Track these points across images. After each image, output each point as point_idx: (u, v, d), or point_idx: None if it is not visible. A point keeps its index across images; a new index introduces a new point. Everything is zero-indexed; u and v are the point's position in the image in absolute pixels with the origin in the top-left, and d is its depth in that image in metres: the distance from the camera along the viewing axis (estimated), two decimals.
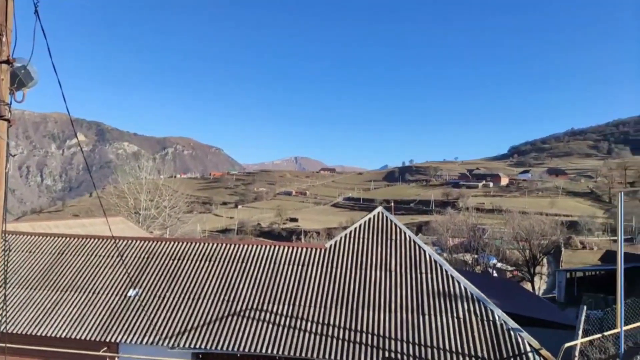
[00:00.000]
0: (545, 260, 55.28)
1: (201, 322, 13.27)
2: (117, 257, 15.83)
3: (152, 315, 13.59)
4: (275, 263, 15.33)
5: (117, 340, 12.96)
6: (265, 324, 13.04)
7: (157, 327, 13.16)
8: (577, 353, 11.28)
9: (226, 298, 14.07)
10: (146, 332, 13.09)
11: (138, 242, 16.77)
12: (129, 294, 14.43)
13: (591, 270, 41.17)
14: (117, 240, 16.78)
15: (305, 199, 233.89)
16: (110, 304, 14.11)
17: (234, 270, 15.15)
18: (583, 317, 11.40)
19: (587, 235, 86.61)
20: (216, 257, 15.77)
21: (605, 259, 45.78)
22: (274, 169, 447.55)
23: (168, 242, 16.80)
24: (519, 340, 11.91)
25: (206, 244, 16.57)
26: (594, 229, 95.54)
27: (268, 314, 13.38)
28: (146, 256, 16.03)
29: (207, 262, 15.59)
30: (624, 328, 11.19)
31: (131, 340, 12.89)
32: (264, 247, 16.24)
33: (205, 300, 14.05)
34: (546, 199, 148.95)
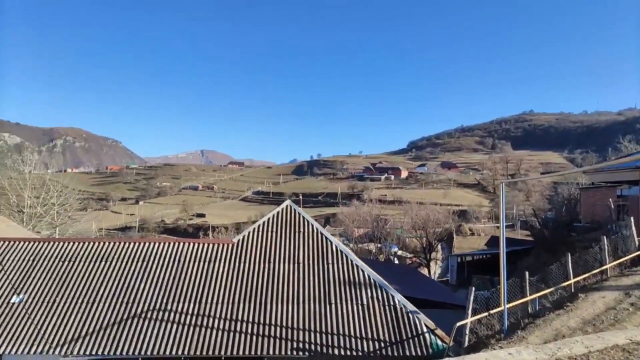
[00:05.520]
0: (439, 247, 59.78)
1: (97, 327, 12.34)
2: None
3: (40, 322, 12.38)
4: (180, 261, 14.73)
5: (0, 352, 11.62)
6: (169, 325, 12.49)
7: (46, 335, 12.00)
8: (467, 331, 12.38)
9: (125, 300, 13.23)
10: (34, 340, 11.93)
11: (21, 243, 15.11)
12: (12, 301, 12.98)
13: (478, 255, 45.35)
14: None
15: (213, 193, 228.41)
16: None
17: (134, 270, 14.29)
18: (472, 298, 12.52)
19: (475, 223, 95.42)
20: (113, 257, 14.75)
21: (491, 243, 50.44)
22: (179, 163, 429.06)
23: (57, 243, 15.34)
24: (417, 322, 12.76)
25: (101, 243, 15.40)
26: (481, 217, 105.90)
27: (172, 314, 12.83)
28: (31, 259, 14.51)
29: (103, 263, 14.51)
30: (507, 306, 12.50)
31: (17, 350, 11.66)
32: (167, 244, 15.52)
33: (101, 304, 13.08)
34: (440, 190, 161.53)
